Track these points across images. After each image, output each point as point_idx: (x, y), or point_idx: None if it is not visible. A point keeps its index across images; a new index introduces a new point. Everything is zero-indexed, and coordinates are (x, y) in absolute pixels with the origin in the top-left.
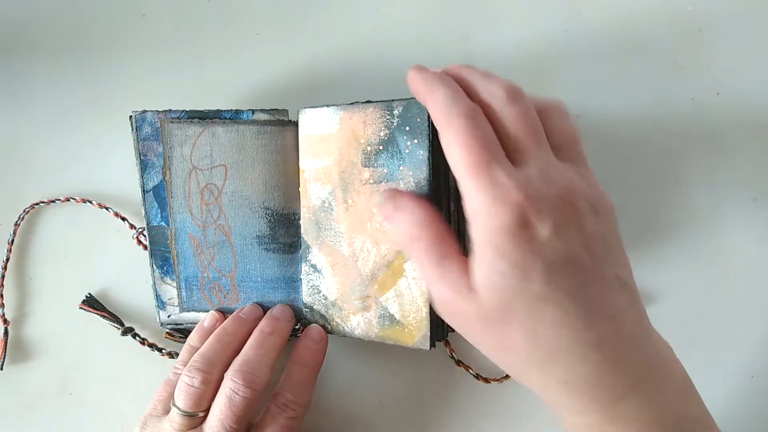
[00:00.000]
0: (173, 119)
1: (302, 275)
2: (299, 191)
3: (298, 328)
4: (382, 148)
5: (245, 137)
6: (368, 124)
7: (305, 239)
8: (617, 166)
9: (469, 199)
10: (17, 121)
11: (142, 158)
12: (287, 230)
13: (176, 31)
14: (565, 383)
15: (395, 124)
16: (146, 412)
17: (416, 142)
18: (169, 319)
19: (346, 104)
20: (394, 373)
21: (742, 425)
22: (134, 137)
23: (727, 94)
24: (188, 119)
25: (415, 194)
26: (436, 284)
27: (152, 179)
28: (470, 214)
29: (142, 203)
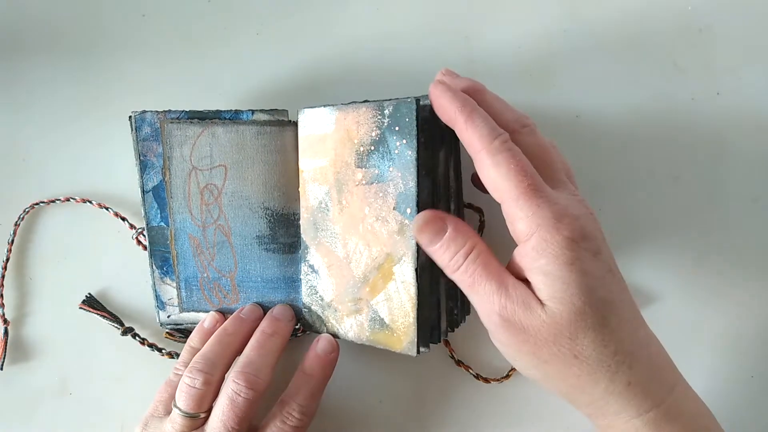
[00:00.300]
0: (173, 119)
1: (302, 275)
2: (299, 191)
3: (298, 327)
4: (373, 148)
5: (245, 137)
6: (361, 124)
7: (304, 239)
8: (617, 165)
9: (524, 218)
10: (17, 121)
11: (141, 158)
12: (287, 230)
13: (176, 31)
14: (627, 385)
15: (386, 124)
16: (147, 412)
17: (405, 142)
18: (168, 319)
19: (342, 104)
20: (394, 373)
21: (742, 425)
22: (134, 137)
23: (727, 94)
24: (188, 119)
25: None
26: (498, 300)
27: (152, 179)
28: (525, 233)
29: (141, 203)
